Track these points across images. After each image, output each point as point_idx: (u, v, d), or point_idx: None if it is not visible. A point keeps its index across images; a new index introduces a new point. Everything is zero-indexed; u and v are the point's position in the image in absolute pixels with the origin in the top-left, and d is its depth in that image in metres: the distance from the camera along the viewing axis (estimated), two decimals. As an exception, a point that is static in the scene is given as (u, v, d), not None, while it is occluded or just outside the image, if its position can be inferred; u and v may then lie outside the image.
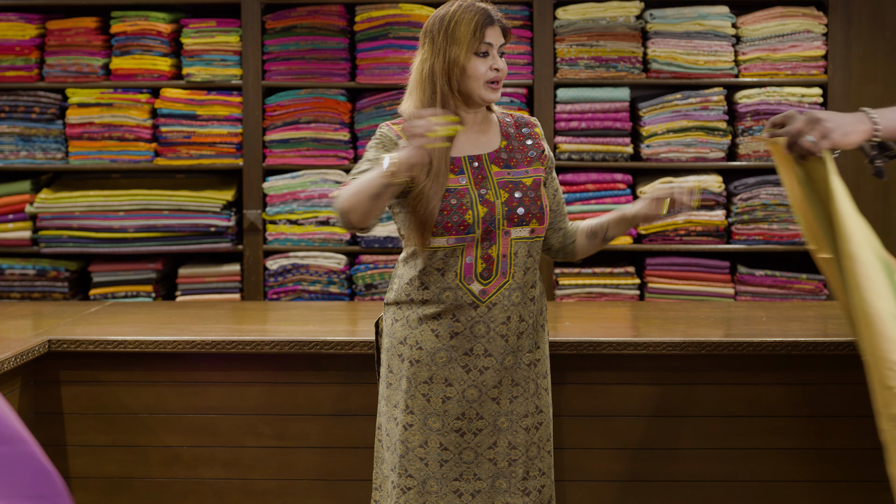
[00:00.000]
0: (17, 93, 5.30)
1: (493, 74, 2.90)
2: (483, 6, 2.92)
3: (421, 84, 2.94)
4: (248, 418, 3.57)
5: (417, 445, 2.91)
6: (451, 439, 2.91)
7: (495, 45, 2.91)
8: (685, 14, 5.20)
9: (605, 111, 5.19)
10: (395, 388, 2.95)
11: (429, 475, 2.90)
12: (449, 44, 2.89)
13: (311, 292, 5.22)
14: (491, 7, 2.94)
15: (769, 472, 3.50)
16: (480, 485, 2.92)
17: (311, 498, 3.57)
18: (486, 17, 2.90)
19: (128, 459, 3.59)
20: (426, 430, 2.90)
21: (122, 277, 5.25)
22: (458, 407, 2.90)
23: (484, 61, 2.90)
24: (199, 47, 5.26)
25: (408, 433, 2.91)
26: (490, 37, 2.90)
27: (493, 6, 2.95)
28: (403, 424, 2.92)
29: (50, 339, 3.54)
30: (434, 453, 2.91)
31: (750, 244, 5.20)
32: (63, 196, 5.24)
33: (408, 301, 2.93)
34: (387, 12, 5.21)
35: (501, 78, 2.92)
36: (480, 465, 2.92)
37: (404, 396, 2.92)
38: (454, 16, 2.90)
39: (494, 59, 2.91)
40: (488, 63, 2.90)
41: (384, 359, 2.99)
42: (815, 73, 5.20)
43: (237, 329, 3.75)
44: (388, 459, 2.98)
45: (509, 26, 2.96)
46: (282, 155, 5.27)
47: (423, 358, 2.90)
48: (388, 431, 2.97)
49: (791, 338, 3.47)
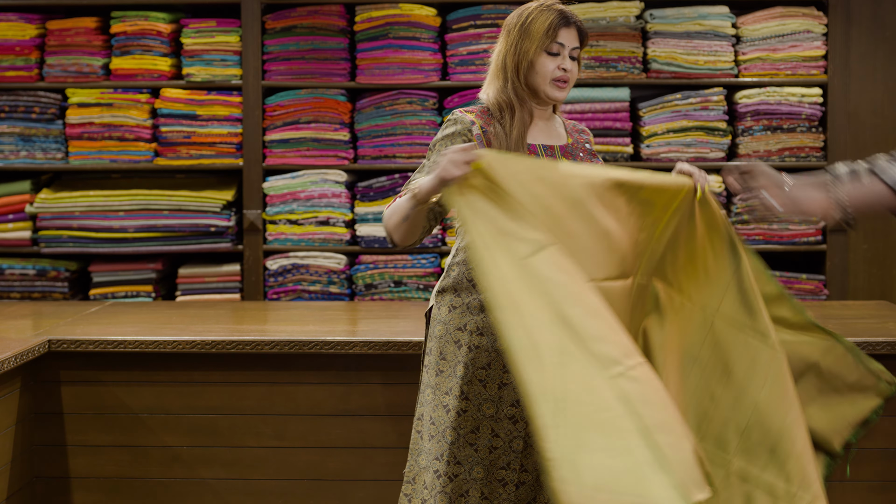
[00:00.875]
0: (17, 93, 5.30)
1: (559, 73, 2.96)
2: (562, 8, 3.00)
3: (495, 73, 3.02)
4: (248, 418, 3.57)
5: (469, 431, 2.91)
6: (503, 426, 2.91)
7: (567, 46, 2.98)
8: (685, 14, 5.20)
9: (605, 111, 5.19)
10: (447, 375, 2.95)
11: (477, 461, 2.90)
12: (522, 38, 2.97)
13: (311, 292, 5.22)
14: (569, 10, 3.01)
15: (769, 472, 3.50)
16: (526, 476, 2.92)
17: (311, 498, 3.57)
18: (561, 18, 2.97)
19: (128, 459, 3.59)
20: (479, 416, 2.91)
21: (122, 277, 5.25)
22: (513, 394, 2.90)
23: (553, 60, 2.96)
24: (199, 47, 5.26)
25: (460, 419, 2.91)
26: (563, 37, 2.97)
27: (572, 11, 3.01)
28: (457, 411, 2.92)
29: (50, 339, 3.54)
30: (485, 439, 2.91)
31: (750, 244, 5.20)
32: (63, 196, 5.24)
33: (469, 287, 2.94)
34: (387, 12, 5.21)
35: (569, 78, 2.99)
36: (528, 457, 2.92)
37: (459, 382, 2.92)
38: (532, 12, 2.99)
39: (564, 59, 2.97)
40: (557, 62, 2.97)
41: (434, 347, 2.98)
42: (815, 73, 5.20)
43: (237, 329, 3.75)
44: (431, 450, 2.96)
45: (587, 31, 3.02)
46: (282, 155, 5.27)
47: (484, 344, 2.91)
48: (435, 420, 2.97)
49: (791, 338, 3.46)
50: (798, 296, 5.17)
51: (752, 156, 5.20)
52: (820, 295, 5.17)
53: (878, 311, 3.98)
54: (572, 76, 2.98)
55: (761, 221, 2.95)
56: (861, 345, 3.44)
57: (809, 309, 4.08)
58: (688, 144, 5.19)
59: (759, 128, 5.17)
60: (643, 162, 5.20)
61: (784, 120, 5.18)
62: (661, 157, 5.20)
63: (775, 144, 5.18)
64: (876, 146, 5.21)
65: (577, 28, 2.98)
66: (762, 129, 5.18)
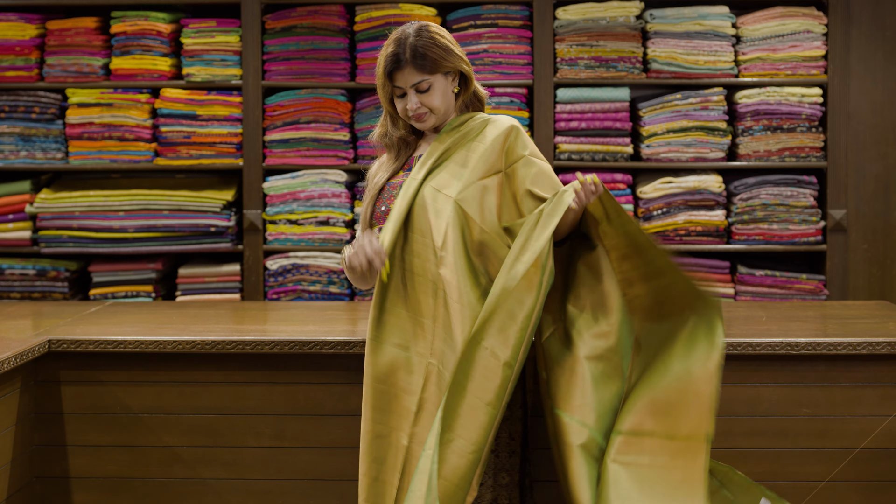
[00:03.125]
0: (17, 93, 5.30)
1: (410, 113, 3.01)
2: (392, 51, 2.99)
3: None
4: (248, 418, 3.57)
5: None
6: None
7: (406, 87, 3.00)
8: (685, 14, 5.20)
9: (605, 111, 5.19)
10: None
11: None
12: (377, 84, 3.06)
13: (311, 292, 5.22)
14: (402, 48, 2.98)
15: (769, 472, 3.50)
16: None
17: (311, 498, 3.57)
18: (391, 63, 2.99)
19: (128, 459, 3.59)
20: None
21: (122, 277, 5.25)
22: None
23: (401, 101, 3.03)
24: (199, 47, 5.26)
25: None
26: (399, 80, 3.00)
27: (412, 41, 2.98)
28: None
29: (50, 339, 3.54)
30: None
31: (750, 244, 5.20)
32: (63, 196, 5.24)
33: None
34: (387, 12, 5.21)
35: (422, 113, 3.01)
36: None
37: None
38: (380, 56, 3.04)
39: (409, 98, 3.00)
40: (404, 103, 3.02)
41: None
42: (815, 73, 5.20)
43: (237, 329, 3.75)
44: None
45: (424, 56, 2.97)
46: (282, 155, 5.27)
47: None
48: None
49: (791, 338, 3.47)
50: (798, 296, 5.17)
51: (751, 156, 5.20)
52: (820, 295, 5.17)
53: (878, 311, 3.98)
54: (430, 105, 3.00)
55: None
56: (861, 345, 3.44)
57: (809, 309, 4.08)
58: (688, 144, 5.19)
59: (759, 128, 5.17)
60: (643, 162, 5.21)
61: (784, 120, 5.18)
62: (660, 157, 5.20)
63: (775, 144, 5.18)
64: (876, 146, 5.22)
65: (412, 61, 2.96)
66: (762, 129, 5.18)
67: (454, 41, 3.04)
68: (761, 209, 5.18)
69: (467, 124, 3.07)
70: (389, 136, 3.10)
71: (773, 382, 3.50)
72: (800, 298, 5.16)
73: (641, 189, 5.20)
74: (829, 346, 3.45)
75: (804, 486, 3.51)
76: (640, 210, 5.21)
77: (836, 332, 3.56)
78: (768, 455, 3.51)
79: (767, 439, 3.50)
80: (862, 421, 3.47)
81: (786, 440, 3.50)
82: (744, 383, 3.50)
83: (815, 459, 3.50)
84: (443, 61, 2.99)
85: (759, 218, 5.18)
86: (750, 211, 5.18)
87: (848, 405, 3.49)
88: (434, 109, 3.01)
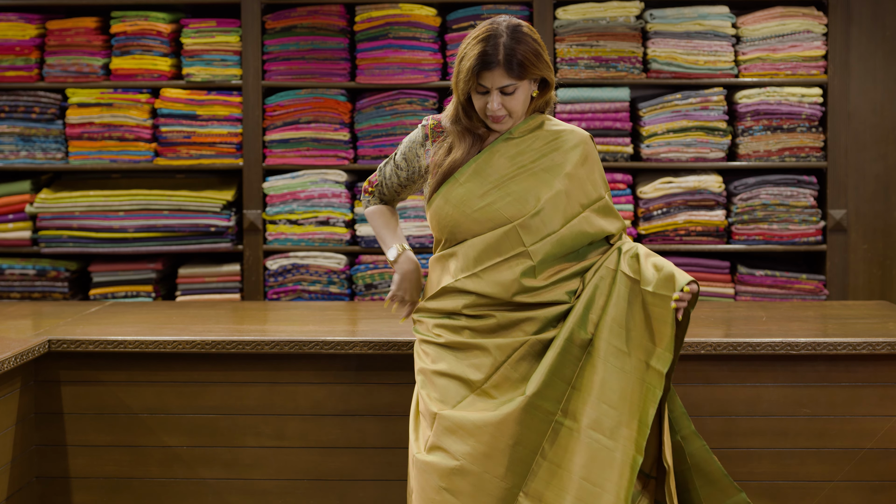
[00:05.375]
0: (17, 93, 5.30)
1: (489, 111, 2.97)
2: (483, 49, 2.93)
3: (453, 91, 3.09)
4: (248, 418, 3.57)
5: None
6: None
7: (492, 87, 2.95)
8: (685, 14, 5.20)
9: (605, 111, 5.20)
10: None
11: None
12: (458, 73, 3.00)
13: (311, 292, 5.22)
14: (494, 48, 2.93)
15: (769, 472, 3.50)
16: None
17: (311, 498, 3.57)
18: (480, 62, 2.93)
19: (128, 459, 3.59)
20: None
21: (122, 277, 5.25)
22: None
23: (482, 98, 2.98)
24: (199, 47, 5.26)
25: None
26: (486, 80, 2.95)
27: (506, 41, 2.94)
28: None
29: (50, 339, 3.54)
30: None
31: (750, 244, 5.20)
32: (63, 196, 5.24)
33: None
34: (387, 12, 5.21)
35: (501, 115, 2.98)
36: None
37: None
38: (467, 47, 2.98)
39: (492, 99, 2.95)
40: (485, 100, 2.97)
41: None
42: (815, 73, 5.21)
43: (237, 329, 3.75)
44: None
45: (517, 64, 2.93)
46: (282, 155, 5.27)
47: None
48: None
49: (791, 338, 3.47)
50: (798, 296, 5.17)
51: (751, 156, 5.20)
52: (820, 295, 5.17)
53: (878, 311, 3.98)
54: (511, 108, 2.97)
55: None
56: (861, 345, 3.44)
57: (809, 309, 4.08)
58: (688, 144, 5.19)
59: (759, 128, 5.17)
60: (643, 162, 5.21)
61: (784, 120, 5.18)
62: (660, 157, 5.20)
63: (775, 144, 5.18)
64: (876, 146, 5.22)
65: (505, 65, 2.92)
66: (762, 129, 5.18)
67: (544, 45, 3.00)
68: (761, 209, 5.18)
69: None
70: (461, 124, 3.05)
71: (773, 382, 3.50)
72: (800, 298, 5.16)
73: (641, 189, 5.20)
74: (829, 346, 3.45)
75: (804, 487, 3.51)
76: (640, 210, 5.21)
77: (836, 332, 3.57)
78: (768, 455, 3.51)
79: (767, 439, 3.50)
80: (862, 421, 3.47)
81: (786, 440, 3.50)
82: (744, 383, 3.50)
83: (815, 459, 3.50)
84: (533, 68, 2.95)
85: (759, 218, 5.18)
86: (750, 211, 5.18)
87: (848, 405, 3.49)
88: (513, 113, 2.98)
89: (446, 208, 3.01)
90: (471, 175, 3.01)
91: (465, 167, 3.02)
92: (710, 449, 3.09)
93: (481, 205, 2.99)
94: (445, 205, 3.01)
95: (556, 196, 2.99)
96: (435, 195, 3.03)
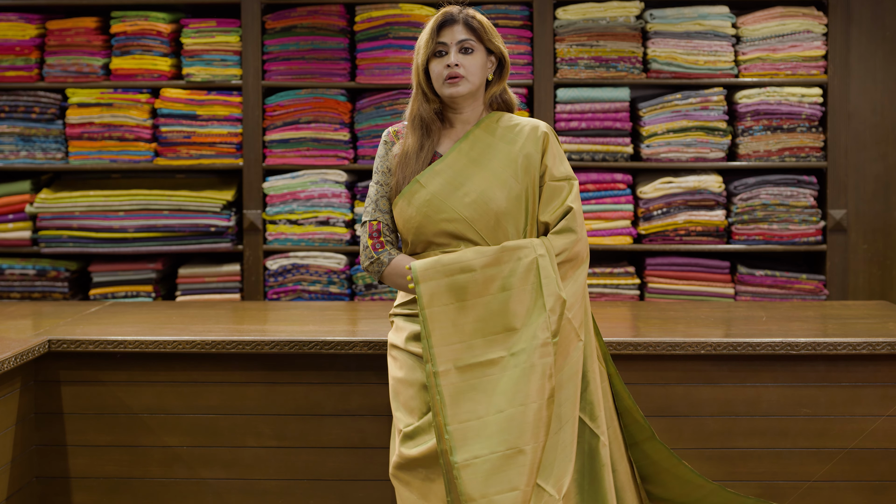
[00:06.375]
0: (17, 93, 5.30)
1: (447, 71, 3.01)
2: (446, 9, 3.06)
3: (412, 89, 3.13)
4: (248, 418, 3.57)
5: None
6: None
7: (451, 42, 3.02)
8: (685, 14, 5.20)
9: (605, 111, 5.20)
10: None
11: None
12: (417, 51, 3.08)
13: (311, 292, 5.22)
14: (457, 9, 3.05)
15: (769, 472, 3.50)
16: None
17: (311, 498, 3.57)
18: (442, 21, 3.04)
19: (128, 459, 3.59)
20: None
21: (122, 277, 5.25)
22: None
23: (440, 61, 3.04)
24: (199, 47, 5.26)
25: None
26: (445, 35, 3.03)
27: (462, 8, 3.06)
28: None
29: (50, 339, 3.54)
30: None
31: (750, 244, 5.20)
32: (63, 196, 5.24)
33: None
34: (387, 12, 5.21)
35: (459, 73, 3.02)
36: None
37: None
38: (427, 25, 3.08)
39: (450, 54, 3.02)
40: (444, 63, 3.03)
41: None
42: (815, 73, 5.21)
43: (237, 329, 3.75)
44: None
45: (477, 24, 3.03)
46: (282, 155, 5.27)
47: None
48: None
49: (791, 338, 3.47)
50: (798, 296, 5.17)
51: (751, 156, 5.20)
52: (820, 295, 5.17)
53: (878, 311, 3.98)
54: (466, 69, 3.02)
55: None
56: (861, 345, 3.44)
57: (809, 309, 4.08)
58: (688, 144, 5.19)
59: (759, 128, 5.17)
60: (643, 162, 5.21)
61: (784, 120, 5.18)
62: (660, 157, 5.20)
63: (775, 144, 5.18)
64: (876, 146, 5.22)
65: (463, 21, 3.02)
66: (762, 129, 5.18)
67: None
68: (761, 209, 5.18)
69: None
70: (420, 117, 3.09)
71: (773, 382, 3.50)
72: (800, 298, 5.16)
73: (641, 189, 5.20)
74: (829, 346, 3.45)
75: (804, 487, 3.51)
76: (640, 210, 5.21)
77: (836, 332, 3.57)
78: (768, 455, 3.51)
79: (767, 439, 3.50)
80: (862, 421, 3.47)
81: (786, 440, 3.50)
82: (744, 383, 3.51)
83: (815, 459, 3.50)
84: (489, 35, 3.05)
85: (759, 218, 5.18)
86: (750, 211, 5.18)
87: (848, 405, 3.49)
88: (470, 76, 3.02)
89: (409, 211, 3.04)
90: (431, 177, 3.03)
91: (428, 170, 3.04)
92: (673, 452, 3.16)
93: (443, 207, 3.02)
94: (408, 207, 3.04)
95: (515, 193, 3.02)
96: (398, 197, 3.06)
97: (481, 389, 2.84)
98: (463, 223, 3.01)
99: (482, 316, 2.90)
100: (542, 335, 2.88)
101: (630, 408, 3.11)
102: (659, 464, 3.15)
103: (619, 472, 3.06)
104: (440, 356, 2.86)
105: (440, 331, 2.88)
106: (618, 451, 3.08)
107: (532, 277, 2.92)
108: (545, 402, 2.84)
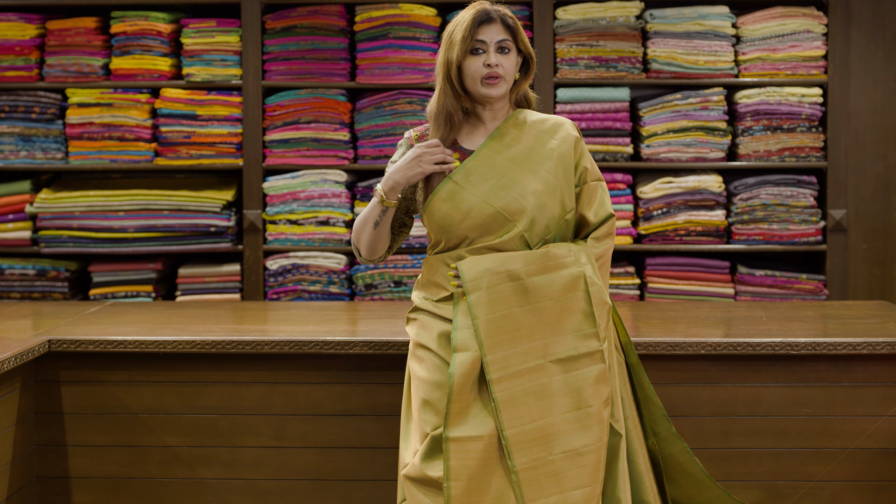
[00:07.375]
0: (17, 93, 5.30)
1: (486, 70, 2.99)
2: (482, 6, 3.03)
3: (437, 83, 3.08)
4: (248, 418, 3.57)
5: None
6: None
7: (490, 42, 2.99)
8: (685, 14, 5.20)
9: (605, 111, 5.20)
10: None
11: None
12: (450, 47, 3.03)
13: (311, 292, 5.22)
14: (491, 6, 3.03)
15: (769, 472, 3.50)
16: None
17: (311, 498, 3.57)
18: (478, 15, 3.01)
19: (128, 459, 3.59)
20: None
21: (122, 277, 5.25)
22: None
23: (477, 59, 3.00)
24: (199, 47, 5.26)
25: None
26: (484, 34, 3.00)
27: (499, 5, 3.04)
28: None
29: (50, 339, 3.54)
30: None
31: (750, 244, 5.20)
32: (63, 196, 5.24)
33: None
34: (387, 12, 5.21)
35: (499, 73, 3.00)
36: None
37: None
38: (457, 20, 3.04)
39: (489, 55, 2.98)
40: (481, 61, 2.99)
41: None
42: (815, 73, 5.21)
43: (237, 329, 3.75)
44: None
45: (513, 23, 3.03)
46: (282, 155, 5.27)
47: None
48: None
49: (791, 338, 3.47)
50: (798, 296, 5.17)
51: (751, 156, 5.20)
52: (820, 295, 5.17)
53: (878, 311, 3.98)
54: (505, 69, 3.01)
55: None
56: (861, 345, 3.44)
57: (809, 309, 4.08)
58: (688, 144, 5.19)
59: (759, 128, 5.17)
60: (643, 162, 5.21)
61: (784, 120, 5.18)
62: (661, 157, 5.20)
63: (775, 144, 5.18)
64: (876, 146, 5.22)
65: (501, 20, 3.01)
66: (762, 129, 5.18)
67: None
68: (761, 209, 5.18)
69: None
70: (448, 112, 3.05)
71: (773, 382, 3.50)
72: (800, 298, 5.16)
73: (641, 189, 5.20)
74: (829, 346, 3.45)
75: (804, 487, 3.51)
76: (640, 210, 5.21)
77: (836, 332, 3.57)
78: (768, 455, 3.51)
79: (767, 439, 3.50)
80: (862, 421, 3.47)
81: (786, 440, 3.50)
82: (744, 383, 3.51)
83: (815, 459, 3.50)
84: (521, 34, 3.04)
85: (759, 218, 5.18)
86: (750, 211, 5.18)
87: (848, 405, 3.49)
88: (507, 77, 3.02)
89: (444, 207, 3.01)
90: (464, 174, 3.02)
91: (461, 167, 3.03)
92: (691, 451, 3.14)
93: (478, 202, 3.00)
94: (443, 204, 3.01)
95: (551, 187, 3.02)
96: (432, 195, 3.04)
97: (534, 394, 2.89)
98: (500, 218, 3.00)
99: (532, 323, 2.93)
100: (593, 343, 2.94)
101: (650, 398, 3.12)
102: (674, 457, 3.15)
103: (638, 463, 3.06)
104: (493, 364, 2.89)
105: (491, 339, 2.91)
106: (637, 441, 3.08)
107: (581, 284, 2.96)
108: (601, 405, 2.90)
